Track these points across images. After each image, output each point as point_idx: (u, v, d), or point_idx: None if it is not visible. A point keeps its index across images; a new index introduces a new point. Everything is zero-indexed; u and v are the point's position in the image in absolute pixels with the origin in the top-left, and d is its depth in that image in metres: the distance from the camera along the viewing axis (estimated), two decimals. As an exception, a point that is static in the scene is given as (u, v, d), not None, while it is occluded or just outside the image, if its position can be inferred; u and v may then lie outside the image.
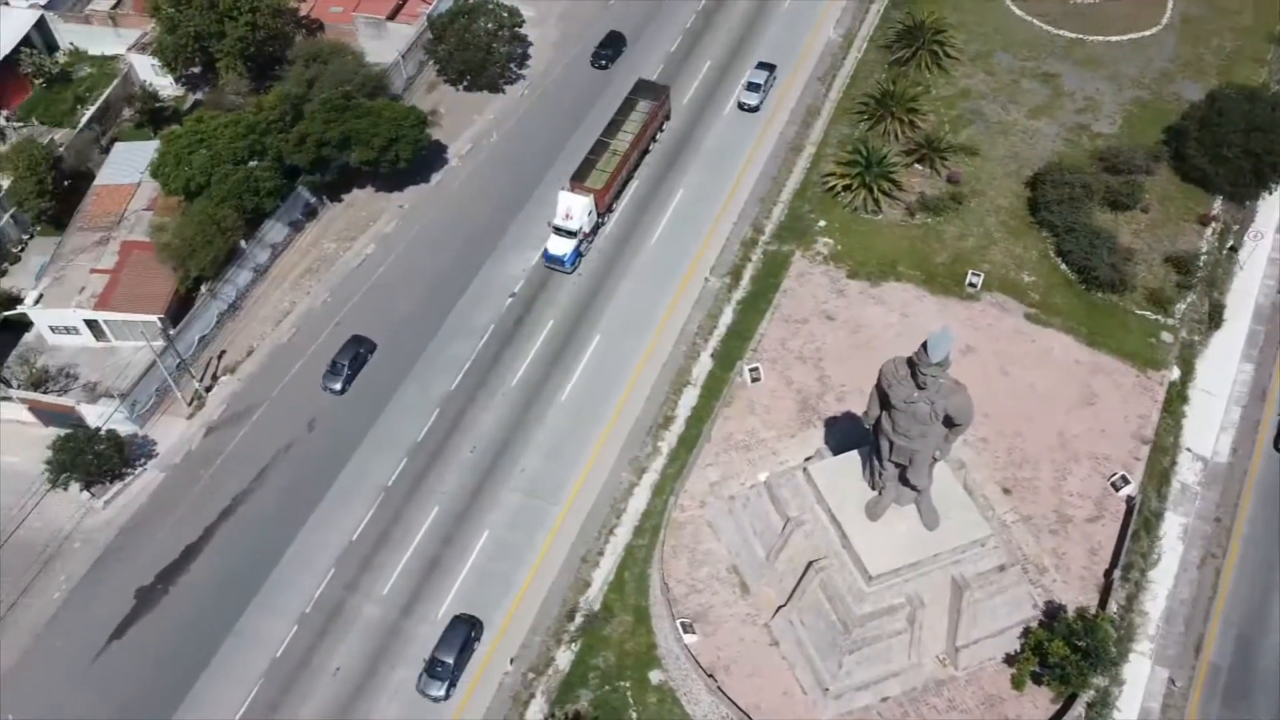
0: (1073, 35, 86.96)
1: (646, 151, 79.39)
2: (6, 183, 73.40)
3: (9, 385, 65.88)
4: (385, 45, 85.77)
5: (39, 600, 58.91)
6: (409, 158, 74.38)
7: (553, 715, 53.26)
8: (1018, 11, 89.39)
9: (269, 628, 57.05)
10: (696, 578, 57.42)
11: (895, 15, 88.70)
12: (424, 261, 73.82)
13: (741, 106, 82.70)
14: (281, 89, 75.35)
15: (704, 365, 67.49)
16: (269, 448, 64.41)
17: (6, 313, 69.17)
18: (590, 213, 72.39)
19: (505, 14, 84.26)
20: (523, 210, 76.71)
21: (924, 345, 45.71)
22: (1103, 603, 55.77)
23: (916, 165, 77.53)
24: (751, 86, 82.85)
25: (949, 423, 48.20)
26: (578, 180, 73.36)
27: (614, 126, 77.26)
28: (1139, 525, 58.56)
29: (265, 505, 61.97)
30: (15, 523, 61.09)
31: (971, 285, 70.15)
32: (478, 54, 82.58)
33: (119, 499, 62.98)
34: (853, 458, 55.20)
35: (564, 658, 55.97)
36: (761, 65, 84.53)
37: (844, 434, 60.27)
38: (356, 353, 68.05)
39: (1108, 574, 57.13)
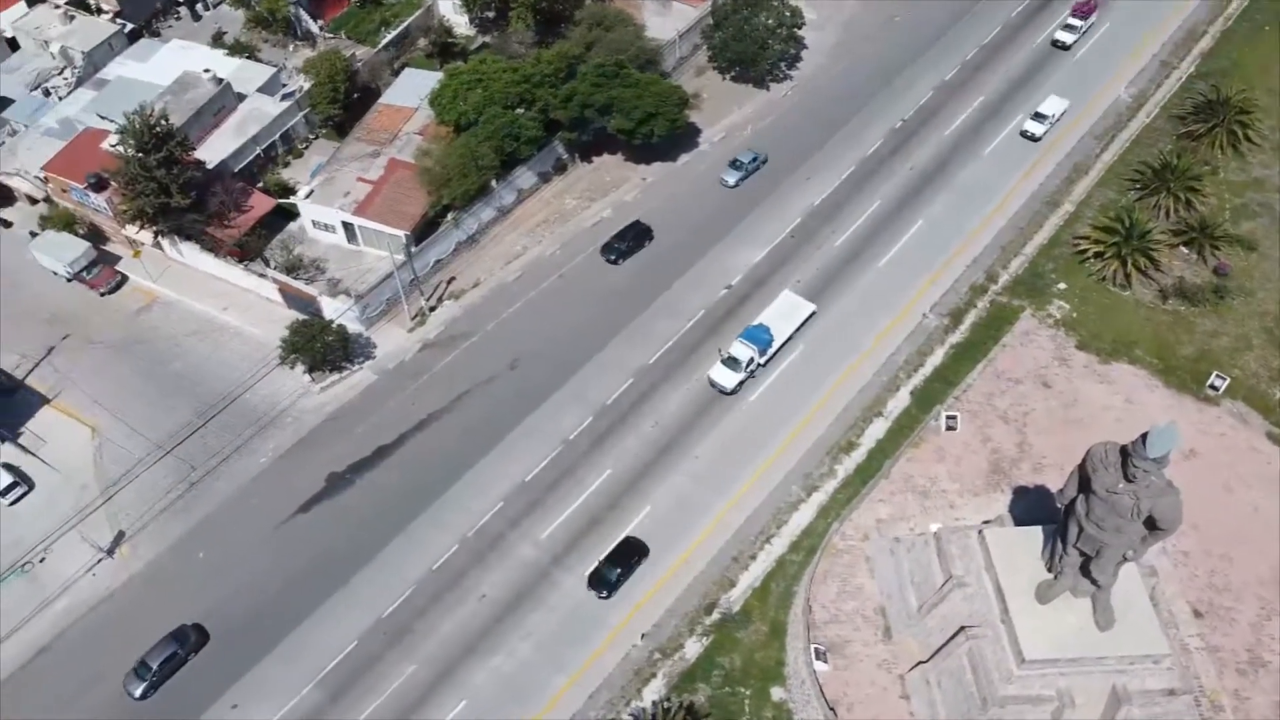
0: (1403, 145, 78.10)
1: None
2: (307, 85, 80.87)
3: (268, 265, 72.93)
4: (667, 22, 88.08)
5: (248, 460, 65.18)
6: (663, 134, 76.25)
7: (669, 699, 54.00)
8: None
9: (433, 540, 60.69)
10: (841, 609, 56.46)
11: (1198, 86, 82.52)
12: (654, 236, 75.57)
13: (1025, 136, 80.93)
14: (562, 47, 78.97)
15: (900, 400, 65.81)
16: (472, 376, 68.22)
17: (281, 200, 76.45)
18: None
19: (788, 13, 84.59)
20: (758, 208, 77.00)
21: (1143, 437, 42.88)
22: (1279, 762, 50.67)
23: (1182, 248, 72.14)
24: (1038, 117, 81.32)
25: (1151, 524, 45.01)
26: None
27: None
28: (1344, 692, 52.63)
29: (456, 428, 65.75)
30: (245, 387, 67.77)
31: (1213, 388, 64.73)
32: (752, 47, 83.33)
33: (333, 389, 68.61)
34: (1034, 533, 52.51)
35: (693, 648, 56.53)
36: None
37: (1031, 507, 57.38)
38: (173, 652, 55.78)
39: (1293, 733, 51.79)
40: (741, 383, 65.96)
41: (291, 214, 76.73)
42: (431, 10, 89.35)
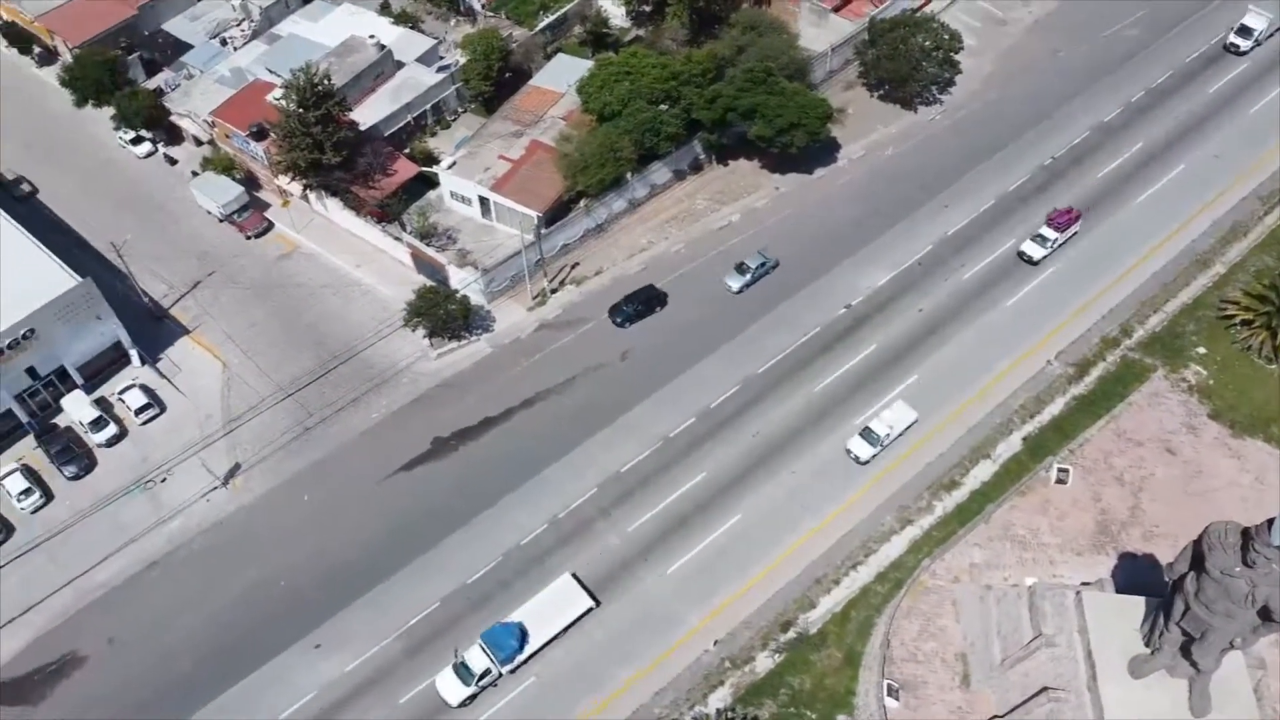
0: None
1: None
2: (463, 60, 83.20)
3: (404, 229, 75.53)
4: (821, 34, 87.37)
5: (360, 413, 67.78)
6: (802, 145, 75.75)
7: (733, 710, 53.89)
8: None
9: (525, 515, 62.01)
10: (921, 648, 55.36)
11: (1383, 157, 77.29)
12: (777, 245, 75.08)
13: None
14: (713, 48, 79.27)
15: (1011, 445, 63.94)
16: (583, 361, 69.30)
17: (424, 168, 79.02)
18: None
19: (946, 36, 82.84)
20: (890, 230, 75.72)
21: (1269, 522, 40.76)
22: None
23: (1341, 327, 67.78)
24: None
25: (1265, 615, 42.68)
26: None
27: None
28: None
29: (561, 409, 66.93)
30: (368, 343, 70.46)
31: (1354, 480, 60.77)
32: (904, 66, 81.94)
33: (449, 356, 70.67)
34: (1136, 603, 50.38)
35: (764, 663, 56.32)
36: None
37: (1135, 576, 55.10)
38: None
39: None
40: (473, 696, 54.11)
41: (432, 182, 79.20)
42: (591, 0, 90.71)
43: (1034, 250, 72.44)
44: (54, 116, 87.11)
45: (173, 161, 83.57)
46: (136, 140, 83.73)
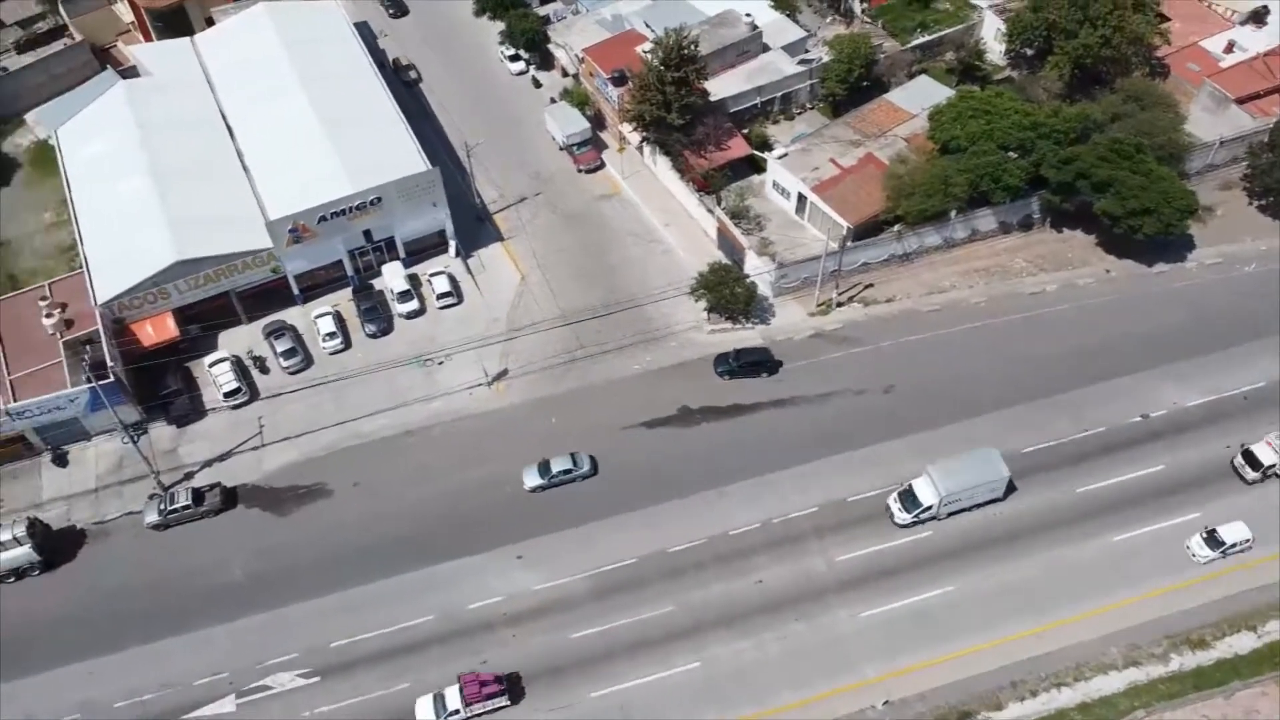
0: None
1: None
2: (826, 59, 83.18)
3: (718, 203, 77.28)
4: (1214, 123, 79.60)
5: (624, 361, 70.58)
6: (1151, 233, 69.85)
7: (881, 774, 52.18)
8: None
9: (741, 508, 62.43)
10: (1103, 796, 50.76)
11: None
12: (1083, 329, 70.08)
13: None
14: (1085, 109, 74.43)
15: (1288, 627, 56.65)
16: (845, 381, 68.30)
17: (755, 151, 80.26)
18: None
19: (1368, 161, 72.93)
20: (1220, 351, 68.23)
21: None
22: None
23: None
24: None
25: None
26: None
27: None
28: None
29: (809, 420, 66.42)
30: (652, 299, 73.06)
31: None
32: (1302, 182, 73.16)
33: (721, 335, 71.86)
34: None
35: (929, 741, 53.95)
36: None
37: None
38: None
39: None
40: None
41: (759, 167, 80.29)
42: (973, 30, 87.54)
43: None
44: (453, 19, 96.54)
45: (538, 85, 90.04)
46: (514, 58, 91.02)
